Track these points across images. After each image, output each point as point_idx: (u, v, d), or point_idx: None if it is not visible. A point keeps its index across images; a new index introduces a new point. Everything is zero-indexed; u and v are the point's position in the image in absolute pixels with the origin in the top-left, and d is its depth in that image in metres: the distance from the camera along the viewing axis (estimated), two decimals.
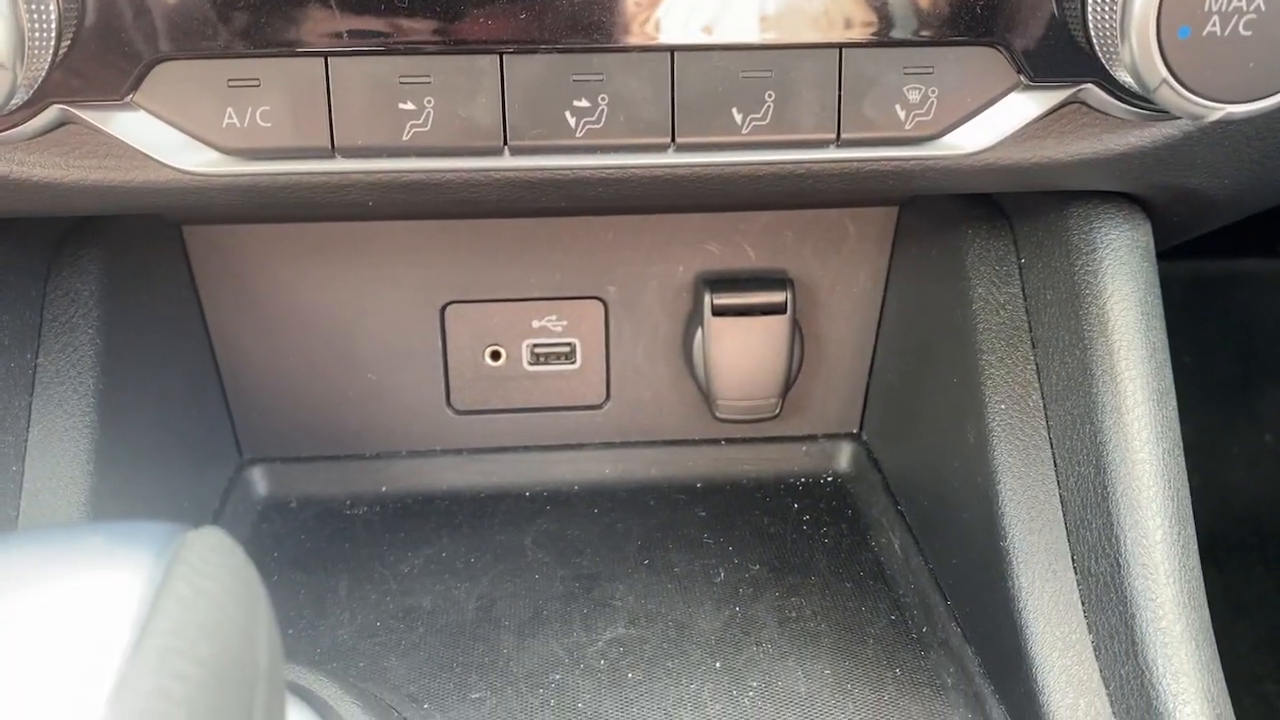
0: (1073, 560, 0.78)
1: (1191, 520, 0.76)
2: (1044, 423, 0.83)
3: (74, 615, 0.37)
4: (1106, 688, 0.73)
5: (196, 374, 1.03)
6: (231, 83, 0.63)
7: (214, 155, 0.65)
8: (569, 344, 1.07)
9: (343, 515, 1.05)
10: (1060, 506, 0.80)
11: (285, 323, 1.04)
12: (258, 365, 1.05)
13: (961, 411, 0.89)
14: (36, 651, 0.35)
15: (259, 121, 0.64)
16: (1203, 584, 0.75)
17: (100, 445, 0.83)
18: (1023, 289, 0.89)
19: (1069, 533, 0.79)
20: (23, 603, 0.37)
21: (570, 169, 0.68)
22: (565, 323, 1.06)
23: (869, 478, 1.08)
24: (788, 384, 1.07)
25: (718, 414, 1.07)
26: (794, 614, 0.91)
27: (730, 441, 1.12)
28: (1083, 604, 0.77)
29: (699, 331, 1.05)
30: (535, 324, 1.06)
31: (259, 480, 1.08)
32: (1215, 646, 0.72)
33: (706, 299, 1.03)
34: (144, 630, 0.36)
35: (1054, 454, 0.82)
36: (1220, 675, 0.71)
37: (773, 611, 0.91)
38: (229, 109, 0.64)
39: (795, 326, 1.05)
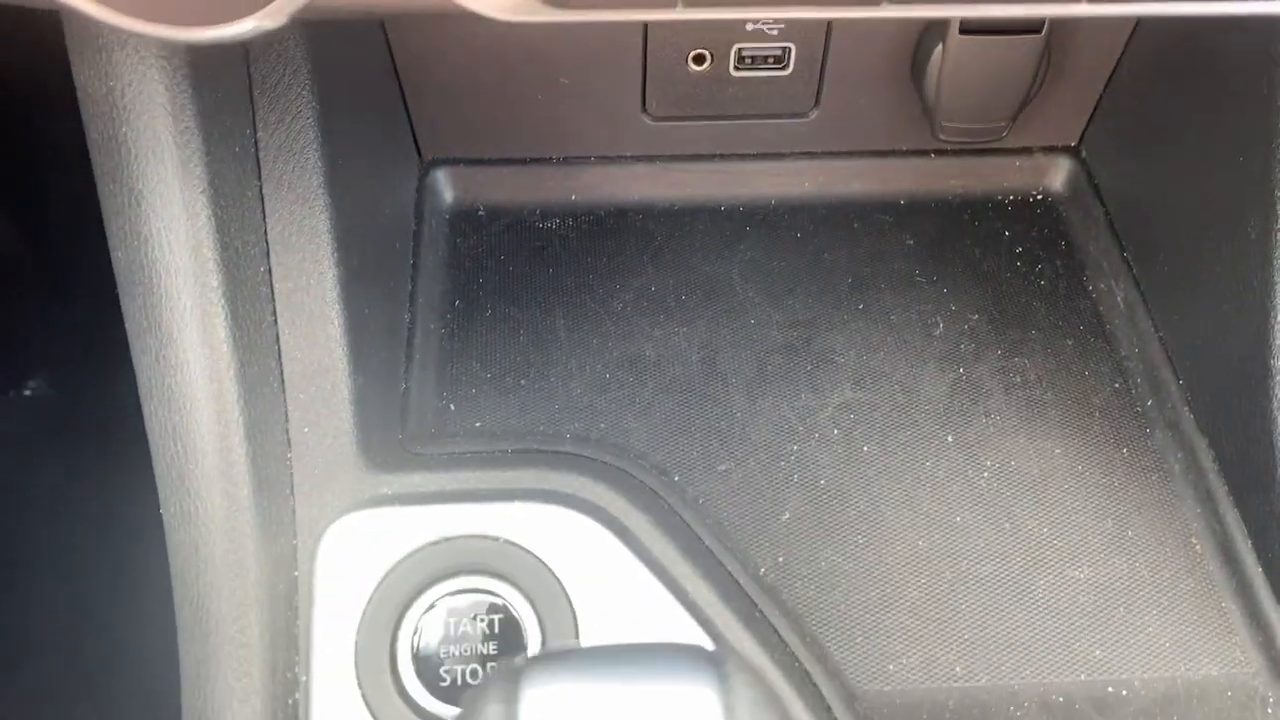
0: None
1: None
2: None
3: None
4: None
5: (378, 73, 0.92)
6: None
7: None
8: (783, 48, 0.96)
9: (535, 229, 1.01)
10: None
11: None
12: (437, 60, 0.94)
13: (1241, 195, 0.83)
14: None
15: None
16: None
17: (332, 197, 0.77)
18: None
19: None
20: None
21: None
22: (783, 25, 0.94)
23: (1085, 203, 1.03)
24: (1023, 106, 0.97)
25: (940, 135, 0.99)
26: (1018, 378, 0.91)
27: (939, 154, 1.04)
28: None
29: (938, 47, 0.93)
30: (749, 26, 0.94)
31: (444, 186, 1.02)
32: None
33: None
34: None
35: None
36: None
37: (997, 375, 0.91)
38: None
39: (1046, 46, 0.93)
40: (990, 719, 0.73)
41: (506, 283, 0.97)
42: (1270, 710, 0.74)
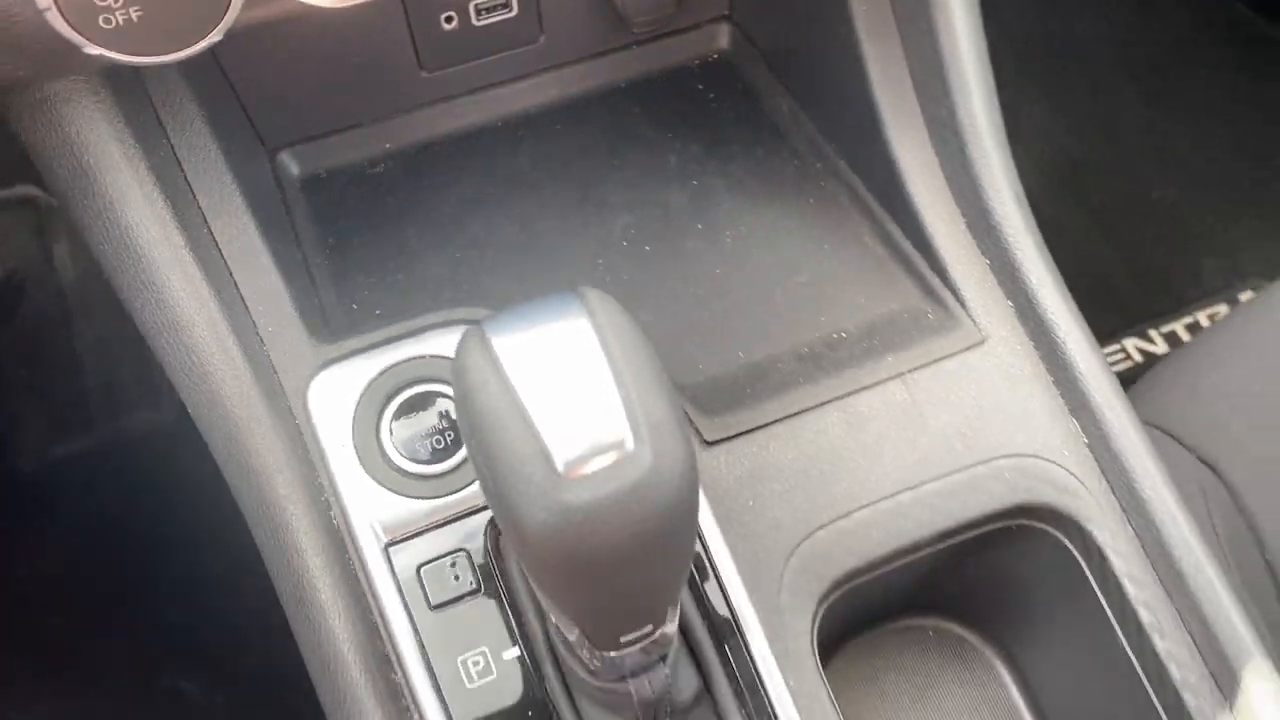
0: (922, 110, 1.20)
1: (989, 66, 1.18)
2: (891, 13, 1.20)
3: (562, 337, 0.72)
4: (950, 187, 1.19)
5: (219, 81, 1.22)
6: None
7: None
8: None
9: (370, 176, 1.34)
10: (909, 75, 1.20)
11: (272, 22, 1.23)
12: (260, 61, 1.24)
13: (833, 34, 1.24)
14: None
15: None
16: (998, 109, 1.19)
17: (234, 174, 1.08)
18: None
19: (917, 91, 1.20)
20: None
21: None
22: None
23: (748, 53, 1.43)
24: None
25: (634, 30, 1.37)
26: (734, 178, 1.31)
27: (640, 44, 1.43)
28: (931, 140, 1.20)
29: None
30: None
31: (289, 164, 1.33)
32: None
33: None
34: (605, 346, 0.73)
35: (900, 33, 1.20)
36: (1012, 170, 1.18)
37: (720, 179, 1.31)
38: None
39: None
40: (766, 377, 1.13)
41: (367, 216, 1.29)
42: (931, 317, 1.17)
